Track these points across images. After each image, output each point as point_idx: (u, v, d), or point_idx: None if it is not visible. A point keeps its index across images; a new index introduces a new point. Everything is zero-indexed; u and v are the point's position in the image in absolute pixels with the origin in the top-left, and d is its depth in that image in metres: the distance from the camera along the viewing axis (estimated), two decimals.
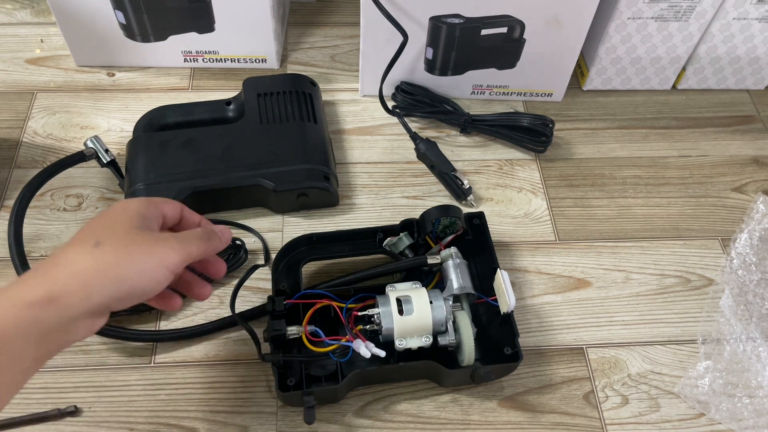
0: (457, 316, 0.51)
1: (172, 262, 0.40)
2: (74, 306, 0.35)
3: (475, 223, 0.59)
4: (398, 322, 0.49)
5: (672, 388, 0.55)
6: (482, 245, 0.58)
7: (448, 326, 0.50)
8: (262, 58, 0.74)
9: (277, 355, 0.49)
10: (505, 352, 0.51)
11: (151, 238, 0.40)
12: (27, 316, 0.34)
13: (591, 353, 0.56)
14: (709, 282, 0.61)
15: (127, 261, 0.38)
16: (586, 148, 0.70)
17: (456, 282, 0.52)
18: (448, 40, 0.66)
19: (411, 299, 0.50)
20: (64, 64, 0.74)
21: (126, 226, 0.40)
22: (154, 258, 0.39)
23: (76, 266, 0.37)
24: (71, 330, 0.36)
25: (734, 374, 0.55)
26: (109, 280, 0.37)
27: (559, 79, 0.71)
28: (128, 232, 0.39)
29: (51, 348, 0.36)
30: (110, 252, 0.37)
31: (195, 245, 0.42)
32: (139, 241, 0.39)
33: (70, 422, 0.51)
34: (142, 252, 0.39)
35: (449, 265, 0.53)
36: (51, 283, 0.36)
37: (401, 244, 0.57)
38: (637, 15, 0.66)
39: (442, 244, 0.56)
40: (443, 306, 0.50)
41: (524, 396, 0.54)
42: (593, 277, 0.61)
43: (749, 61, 0.72)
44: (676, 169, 0.69)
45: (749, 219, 0.65)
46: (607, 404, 0.54)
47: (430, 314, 0.50)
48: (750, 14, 0.66)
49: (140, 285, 0.38)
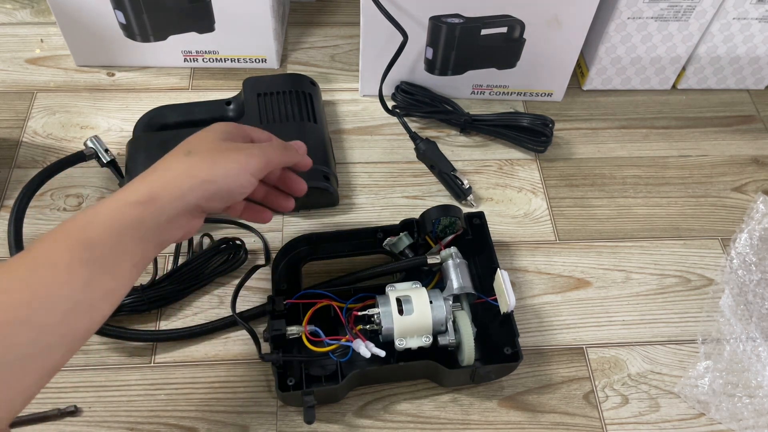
0: (457, 316, 0.51)
1: (254, 167, 0.45)
2: (170, 205, 0.41)
3: (475, 223, 0.59)
4: (398, 321, 0.49)
5: (672, 388, 0.55)
6: (482, 245, 0.58)
7: (448, 326, 0.50)
8: (262, 58, 0.74)
9: (277, 355, 0.49)
10: (505, 352, 0.51)
11: (234, 147, 0.45)
12: (132, 213, 0.39)
13: (591, 353, 0.56)
14: (709, 282, 0.61)
15: (213, 165, 0.43)
16: (586, 148, 0.70)
17: (456, 282, 0.52)
18: (448, 40, 0.66)
19: (411, 299, 0.50)
20: (64, 64, 0.74)
21: (213, 138, 0.45)
22: (236, 163, 0.44)
23: (171, 171, 0.42)
24: (169, 227, 0.41)
25: (734, 374, 0.55)
26: (198, 180, 0.42)
27: (559, 79, 0.71)
28: (215, 143, 0.45)
29: (154, 243, 0.41)
30: (199, 159, 0.43)
31: (273, 153, 0.47)
32: (223, 149, 0.44)
33: (70, 422, 0.51)
34: (226, 158, 0.44)
35: (449, 265, 0.53)
36: (149, 185, 0.41)
37: (401, 244, 0.57)
38: (637, 15, 0.66)
39: (442, 243, 0.56)
40: (443, 306, 0.50)
41: (524, 396, 0.54)
42: (593, 277, 0.61)
43: (749, 61, 0.72)
44: (676, 169, 0.69)
45: (749, 219, 0.65)
46: (607, 404, 0.54)
47: (430, 314, 0.49)
48: (750, 14, 0.66)
49: (226, 185, 0.43)
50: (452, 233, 0.57)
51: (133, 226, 0.39)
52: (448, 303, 0.51)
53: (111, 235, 0.38)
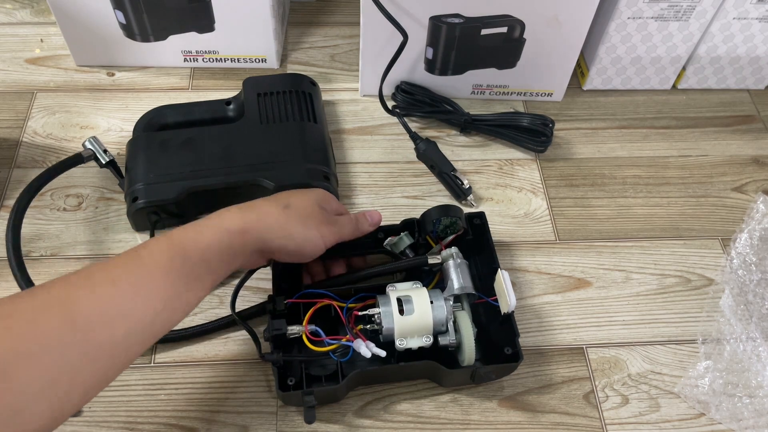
0: (458, 316, 0.51)
1: (330, 241, 0.51)
2: (255, 241, 0.46)
3: (476, 223, 0.58)
4: (399, 322, 0.49)
5: (672, 388, 0.55)
6: (483, 245, 0.58)
7: (448, 326, 0.50)
8: (262, 58, 0.74)
9: (278, 355, 0.49)
10: (506, 352, 0.51)
11: (324, 218, 0.51)
12: (227, 239, 0.45)
13: (591, 353, 0.56)
14: (709, 282, 0.61)
15: (301, 226, 0.49)
16: (586, 147, 0.70)
17: (457, 282, 0.52)
18: (448, 40, 0.66)
19: (411, 299, 0.50)
20: (63, 64, 0.74)
21: (313, 203, 0.51)
22: (320, 233, 0.49)
23: (267, 216, 0.48)
24: (246, 258, 0.47)
25: (734, 374, 0.55)
26: (284, 233, 0.48)
27: (559, 79, 0.71)
28: (312, 208, 0.50)
29: (231, 267, 0.46)
30: (294, 216, 0.49)
31: (348, 230, 0.53)
32: (314, 216, 0.50)
33: (70, 422, 0.51)
34: (313, 226, 0.49)
35: (450, 265, 0.53)
36: (246, 219, 0.46)
37: (402, 244, 0.57)
38: (637, 15, 0.66)
39: (442, 244, 0.56)
40: (444, 306, 0.50)
41: (524, 396, 0.54)
42: (593, 277, 0.61)
43: (749, 61, 0.72)
44: (676, 169, 0.69)
45: (749, 219, 0.65)
46: (607, 404, 0.54)
47: (431, 314, 0.49)
48: (750, 14, 0.66)
49: (302, 247, 0.49)
50: (453, 233, 0.57)
51: (223, 251, 0.44)
52: (448, 303, 0.51)
53: (206, 254, 0.43)
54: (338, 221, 0.52)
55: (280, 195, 0.51)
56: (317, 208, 0.50)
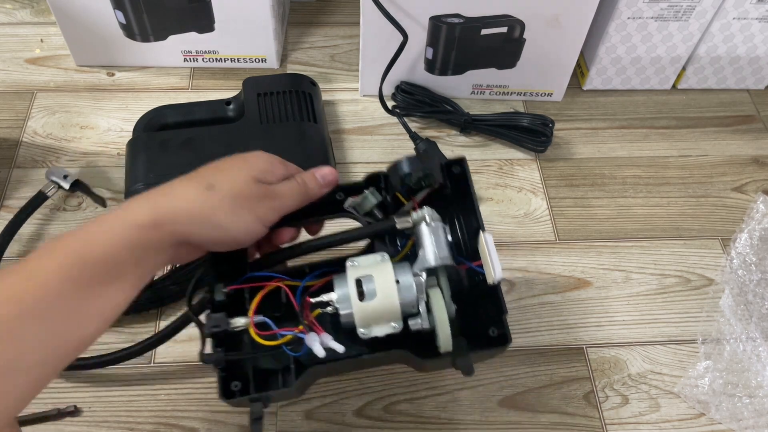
0: (431, 296, 0.42)
1: (270, 219, 0.43)
2: (174, 235, 0.39)
3: (455, 173, 0.48)
4: (359, 309, 0.41)
5: (672, 388, 0.55)
6: (464, 200, 0.48)
7: (420, 308, 0.42)
8: (261, 58, 0.74)
9: (218, 355, 0.41)
10: (490, 334, 0.43)
11: (260, 192, 0.42)
12: (133, 236, 0.37)
13: (591, 353, 0.56)
14: (709, 282, 0.61)
15: (230, 211, 0.40)
16: (586, 147, 0.70)
17: (430, 252, 0.42)
18: (448, 40, 0.66)
19: (373, 279, 0.41)
20: (63, 64, 0.74)
21: (244, 180, 0.42)
22: (253, 215, 0.41)
23: (185, 203, 0.40)
24: (169, 253, 0.40)
25: (734, 374, 0.55)
26: (210, 223, 0.40)
27: (559, 79, 0.71)
28: (243, 186, 0.41)
29: (152, 266, 0.40)
30: (219, 200, 0.40)
31: (294, 200, 0.44)
32: (248, 194, 0.41)
33: (70, 422, 0.51)
34: (246, 207, 0.41)
35: (422, 230, 0.44)
36: (156, 209, 0.39)
37: (367, 204, 0.47)
38: (637, 15, 0.66)
39: (415, 201, 0.47)
40: (412, 285, 0.42)
41: (524, 396, 0.54)
42: (593, 277, 0.61)
43: (749, 61, 0.72)
44: (676, 169, 0.69)
45: (749, 219, 0.65)
46: (607, 404, 0.54)
47: (397, 297, 0.41)
48: (750, 14, 0.66)
49: (234, 235, 0.41)
50: (428, 187, 0.47)
51: (132, 248, 0.37)
52: (419, 280, 0.42)
53: (108, 255, 0.37)
54: (280, 193, 0.43)
55: (203, 171, 0.42)
56: (251, 184, 0.42)
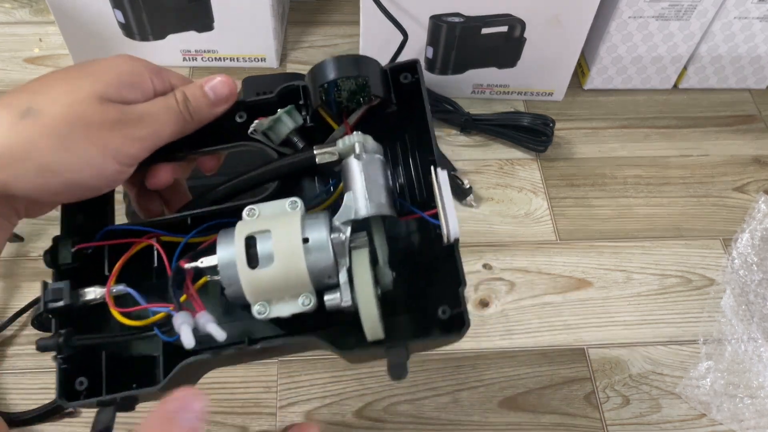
0: (354, 261, 0.31)
1: (130, 155, 0.30)
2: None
3: (404, 83, 0.35)
4: (248, 278, 0.30)
5: (673, 389, 0.55)
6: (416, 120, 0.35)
7: (340, 278, 0.30)
8: (261, 57, 0.73)
9: (53, 338, 0.31)
10: (440, 315, 0.31)
11: (106, 118, 0.29)
12: None
13: (592, 353, 0.56)
14: (710, 282, 0.61)
15: (59, 146, 0.27)
16: (586, 147, 0.70)
17: (360, 196, 0.31)
18: (448, 39, 0.65)
19: (270, 236, 0.30)
20: (63, 64, 0.73)
21: (79, 96, 0.28)
22: (99, 147, 0.28)
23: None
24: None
25: (736, 375, 0.55)
26: (33, 167, 0.27)
27: (559, 79, 0.71)
28: (77, 106, 0.28)
29: None
30: (40, 131, 0.27)
31: (170, 126, 0.31)
32: (86, 120, 0.28)
33: (69, 423, 0.51)
34: (85, 138, 0.28)
35: (350, 165, 0.32)
36: None
37: (282, 128, 0.35)
38: (638, 14, 0.65)
39: (347, 124, 0.35)
40: (327, 244, 0.30)
41: (525, 396, 0.54)
42: (594, 277, 0.60)
43: (750, 61, 0.72)
44: (677, 169, 0.69)
45: (750, 219, 0.64)
46: (608, 405, 0.54)
47: (303, 262, 0.29)
48: (751, 13, 0.66)
49: (72, 178, 0.28)
50: (365, 103, 0.35)
51: None
52: (339, 237, 0.30)
53: None
54: (146, 115, 0.30)
55: (19, 91, 0.29)
56: (94, 104, 0.29)
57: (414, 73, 0.35)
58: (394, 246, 0.33)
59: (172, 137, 0.32)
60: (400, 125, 0.36)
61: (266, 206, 0.32)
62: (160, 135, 0.31)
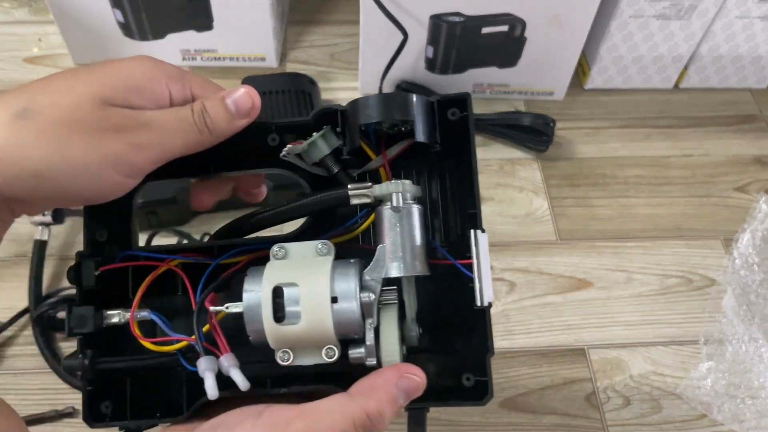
0: (383, 323, 0.31)
1: (134, 164, 0.28)
2: None
3: (452, 120, 0.34)
4: (273, 332, 0.29)
5: (674, 389, 0.54)
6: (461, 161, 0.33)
7: (366, 335, 0.30)
8: (260, 57, 0.73)
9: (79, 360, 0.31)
10: (464, 383, 0.32)
11: (107, 122, 0.27)
12: None
13: (593, 354, 0.56)
14: (711, 282, 0.61)
15: (53, 150, 0.26)
16: (587, 147, 0.70)
17: (393, 255, 0.30)
18: (448, 39, 0.65)
19: (299, 290, 0.29)
20: (62, 63, 0.73)
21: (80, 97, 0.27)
22: (96, 153, 0.26)
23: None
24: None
25: (737, 375, 0.55)
26: (26, 170, 0.26)
27: (560, 78, 0.71)
28: (76, 107, 0.26)
29: None
30: (36, 131, 0.26)
31: (175, 136, 0.29)
32: (86, 123, 0.26)
33: (68, 423, 0.50)
34: (81, 142, 0.26)
35: (385, 217, 0.31)
36: None
37: (316, 152, 0.33)
38: (639, 13, 0.65)
39: (386, 155, 0.33)
40: (355, 307, 0.29)
41: (525, 397, 0.53)
42: (595, 278, 0.60)
43: (751, 60, 0.72)
44: (678, 169, 0.69)
45: (752, 219, 0.64)
46: (609, 405, 0.53)
47: (331, 323, 0.29)
48: (752, 13, 0.66)
49: (73, 187, 0.27)
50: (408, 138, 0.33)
51: None
52: (369, 298, 0.30)
53: None
54: (153, 123, 0.28)
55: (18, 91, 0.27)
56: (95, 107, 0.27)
57: (463, 109, 0.33)
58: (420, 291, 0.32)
59: (185, 150, 0.30)
60: (440, 160, 0.35)
61: (295, 246, 0.31)
62: (168, 146, 0.29)
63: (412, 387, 0.29)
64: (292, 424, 0.27)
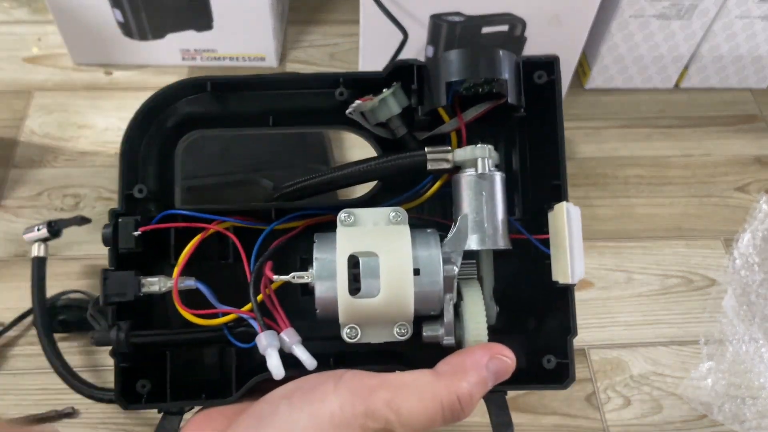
0: (465, 296, 0.29)
1: None
2: None
3: (538, 83, 0.32)
4: (347, 306, 0.27)
5: (674, 390, 0.54)
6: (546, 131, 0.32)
7: (445, 311, 0.28)
8: (260, 57, 0.73)
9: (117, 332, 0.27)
10: (545, 365, 0.30)
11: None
12: None
13: (593, 354, 0.56)
14: (711, 282, 0.61)
15: None
16: (588, 147, 0.70)
17: (476, 226, 0.28)
18: (448, 39, 0.65)
19: (378, 263, 0.27)
20: (61, 63, 0.73)
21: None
22: None
23: None
24: None
25: (737, 375, 0.55)
26: None
27: None
28: None
29: None
30: None
31: None
32: None
33: (68, 423, 0.50)
34: None
35: (469, 184, 0.28)
36: None
37: (385, 111, 0.30)
38: (639, 13, 0.65)
39: (462, 119, 0.30)
40: (438, 279, 0.27)
41: (525, 397, 0.53)
42: (595, 278, 0.60)
43: (752, 60, 0.72)
44: (678, 169, 0.69)
45: (752, 219, 0.64)
46: (609, 406, 0.53)
47: (412, 298, 0.27)
48: (752, 12, 0.66)
49: None
50: (488, 100, 0.30)
51: None
52: (451, 269, 0.28)
53: None
54: None
55: None
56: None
57: (551, 72, 0.31)
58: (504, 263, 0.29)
59: None
60: (520, 127, 0.32)
61: (364, 213, 0.29)
62: None
63: (503, 369, 0.27)
64: (375, 393, 0.25)
